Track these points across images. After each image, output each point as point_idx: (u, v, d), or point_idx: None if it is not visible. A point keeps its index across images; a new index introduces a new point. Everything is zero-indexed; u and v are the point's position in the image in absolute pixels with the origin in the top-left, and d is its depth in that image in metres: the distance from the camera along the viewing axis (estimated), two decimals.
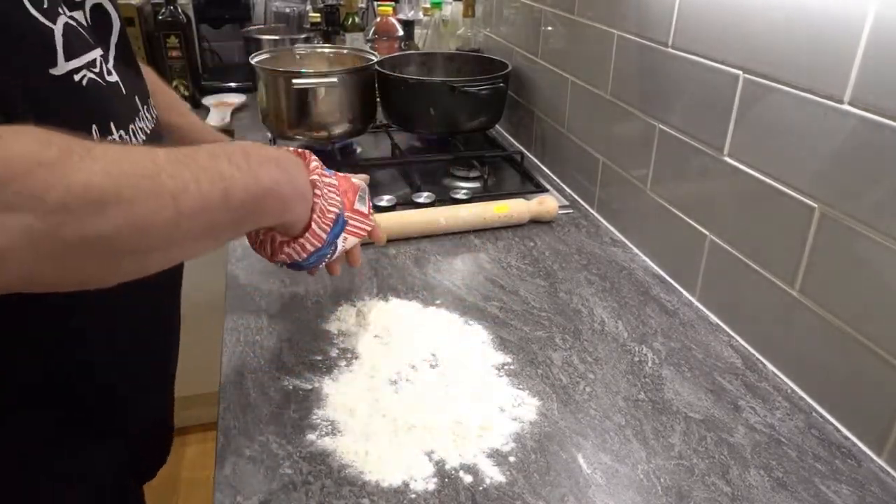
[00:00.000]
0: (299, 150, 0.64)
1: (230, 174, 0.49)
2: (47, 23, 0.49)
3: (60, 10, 0.52)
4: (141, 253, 0.45)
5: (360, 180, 0.72)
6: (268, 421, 0.65)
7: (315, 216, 0.61)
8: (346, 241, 0.68)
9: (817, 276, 0.68)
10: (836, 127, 0.63)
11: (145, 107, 0.64)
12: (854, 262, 0.63)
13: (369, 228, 0.72)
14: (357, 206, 0.69)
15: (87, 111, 0.53)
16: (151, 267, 0.48)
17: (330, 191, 0.63)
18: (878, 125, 0.59)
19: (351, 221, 0.68)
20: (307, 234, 0.61)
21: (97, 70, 0.54)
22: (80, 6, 0.57)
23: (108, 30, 0.60)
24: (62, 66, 0.50)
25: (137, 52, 1.60)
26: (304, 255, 0.63)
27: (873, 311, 0.62)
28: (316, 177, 0.61)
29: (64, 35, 0.50)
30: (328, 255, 0.67)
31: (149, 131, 0.63)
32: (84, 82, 0.52)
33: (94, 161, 0.41)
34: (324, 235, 0.62)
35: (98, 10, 0.58)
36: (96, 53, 0.55)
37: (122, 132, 0.57)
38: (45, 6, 0.49)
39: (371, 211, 0.73)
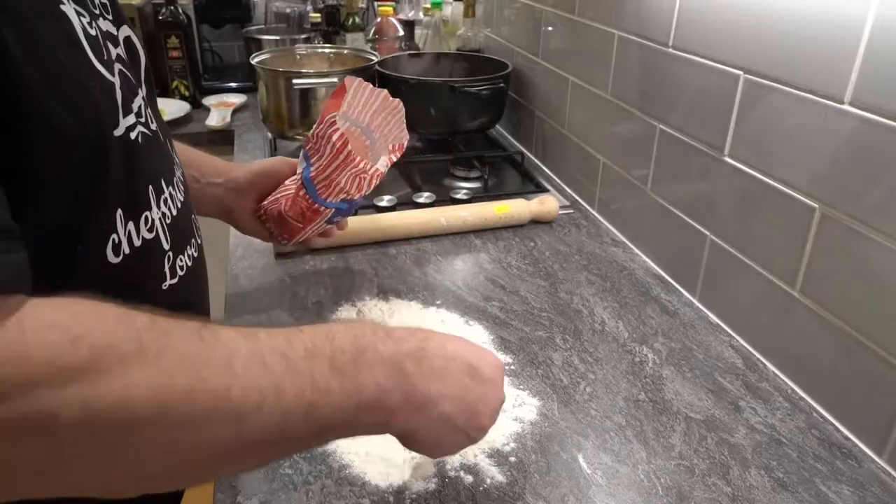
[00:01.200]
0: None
1: (325, 385, 0.39)
2: (109, 76, 0.43)
3: (111, 52, 0.45)
4: (178, 473, 0.38)
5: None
6: None
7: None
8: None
9: (818, 277, 0.68)
10: (836, 127, 0.63)
11: (173, 149, 0.58)
12: (855, 262, 0.63)
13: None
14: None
15: (144, 173, 0.48)
16: (195, 484, 0.40)
17: None
18: (879, 125, 0.59)
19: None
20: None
21: (143, 120, 0.48)
22: (118, 41, 0.49)
23: (139, 65, 0.53)
24: (122, 125, 0.44)
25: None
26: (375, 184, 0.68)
27: (874, 311, 0.62)
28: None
29: (121, 87, 0.45)
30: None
31: (183, 178, 0.58)
32: (139, 139, 0.47)
33: (139, 366, 0.33)
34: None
35: (129, 42, 0.52)
36: (140, 98, 0.49)
37: (170, 188, 0.52)
38: (105, 57, 0.43)
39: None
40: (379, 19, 1.66)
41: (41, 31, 0.38)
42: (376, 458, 0.60)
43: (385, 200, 1.08)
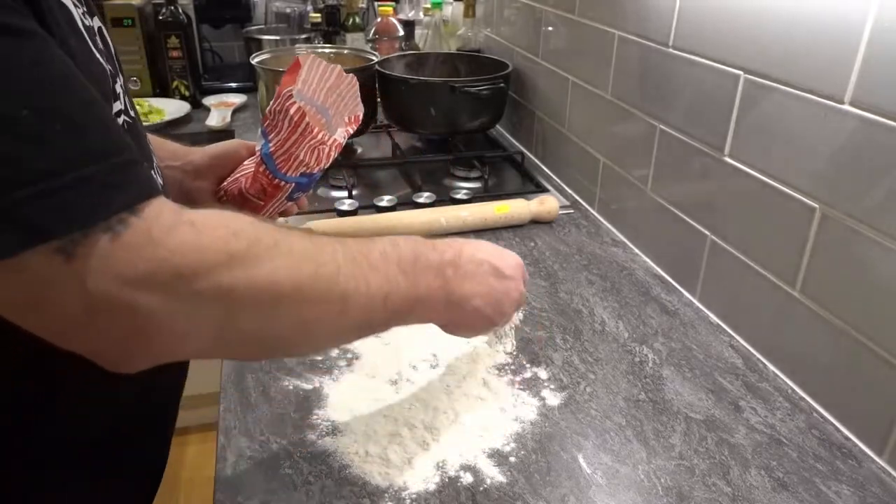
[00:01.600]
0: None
1: (395, 280, 0.50)
2: (104, 63, 0.46)
3: (97, 42, 0.47)
4: (296, 344, 0.48)
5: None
6: (268, 421, 0.65)
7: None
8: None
9: (818, 277, 0.68)
10: (836, 127, 0.63)
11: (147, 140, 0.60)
12: (855, 262, 0.63)
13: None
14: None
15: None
16: (300, 354, 0.52)
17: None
18: (879, 125, 0.59)
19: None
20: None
21: (124, 107, 0.51)
22: (95, 32, 0.50)
23: (112, 55, 0.54)
24: (114, 107, 0.47)
25: (138, 52, 1.60)
26: (333, 156, 0.69)
27: (874, 311, 0.62)
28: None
29: (110, 75, 0.47)
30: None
31: (157, 169, 0.58)
32: (125, 125, 0.49)
33: (279, 255, 0.42)
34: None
35: (101, 33, 0.52)
36: (119, 87, 0.51)
37: (153, 172, 0.54)
38: (99, 46, 0.47)
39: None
40: (379, 19, 1.66)
41: (59, 18, 0.41)
42: (376, 458, 0.60)
43: (385, 200, 1.08)
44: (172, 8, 1.59)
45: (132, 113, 0.54)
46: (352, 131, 0.73)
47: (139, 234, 0.37)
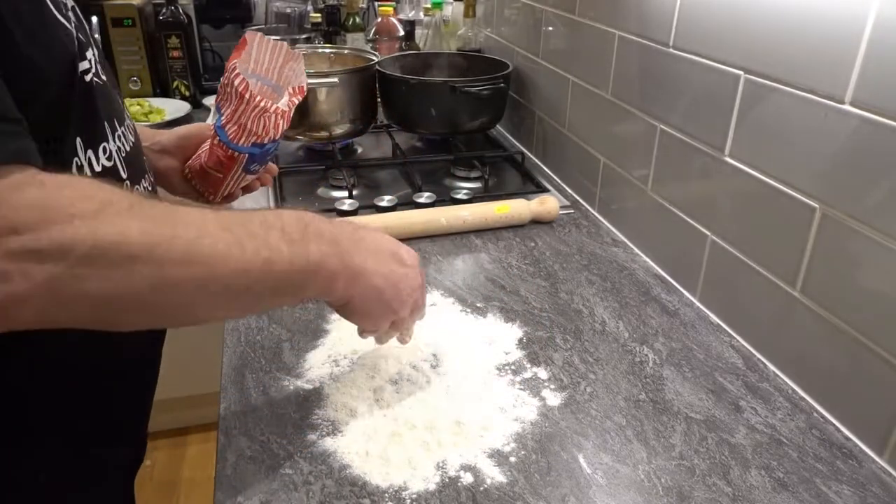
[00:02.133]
0: None
1: (277, 246, 0.48)
2: (67, 24, 0.50)
3: (66, 6, 0.52)
4: (163, 309, 0.46)
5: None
6: (269, 421, 0.65)
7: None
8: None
9: (818, 277, 0.68)
10: (837, 127, 0.63)
11: (123, 102, 0.64)
12: (855, 262, 0.63)
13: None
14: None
15: (99, 111, 0.53)
16: (176, 323, 0.49)
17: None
18: (880, 125, 0.59)
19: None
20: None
21: (95, 70, 0.55)
22: (67, 7, 0.57)
23: (86, 30, 0.60)
24: (80, 67, 0.50)
25: (138, 51, 1.61)
26: (284, 127, 0.72)
27: (875, 311, 0.62)
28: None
29: (77, 36, 0.51)
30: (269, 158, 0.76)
31: (132, 126, 0.63)
32: (93, 82, 0.53)
33: (132, 218, 0.42)
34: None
35: (75, 11, 0.59)
36: (91, 54, 0.55)
37: (122, 129, 0.58)
38: (63, 10, 0.50)
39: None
40: (379, 19, 1.66)
41: None
42: (376, 458, 0.60)
43: (385, 200, 1.08)
44: (173, 8, 1.59)
45: (104, 78, 0.57)
46: (297, 101, 0.75)
47: None
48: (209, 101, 1.64)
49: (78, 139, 0.50)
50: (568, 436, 0.64)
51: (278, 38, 0.77)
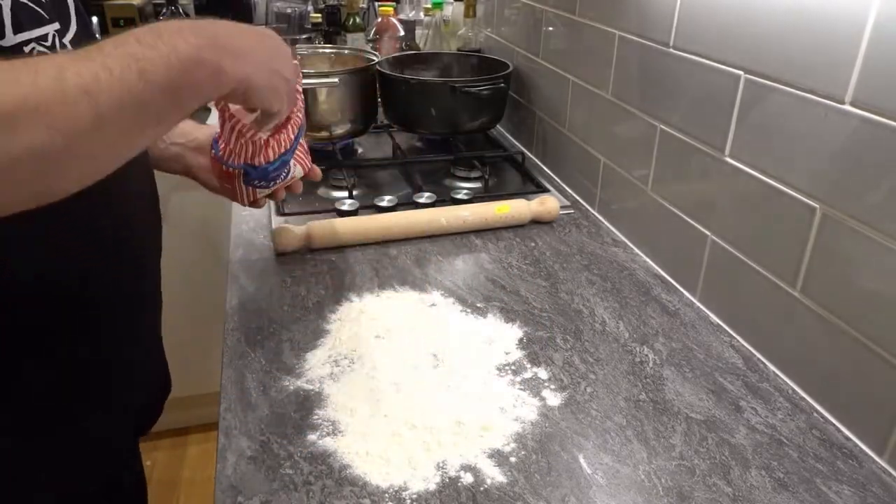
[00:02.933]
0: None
1: (142, 54, 0.46)
2: None
3: None
4: (79, 157, 0.45)
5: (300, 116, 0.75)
6: (269, 421, 0.65)
7: (289, 100, 0.64)
8: (294, 168, 0.76)
9: (819, 277, 0.68)
10: (837, 127, 0.63)
11: None
12: (855, 262, 0.63)
13: (310, 164, 0.80)
14: (300, 139, 0.75)
15: None
16: (102, 168, 0.47)
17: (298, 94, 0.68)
18: (880, 125, 0.59)
19: (298, 150, 0.75)
20: (287, 125, 0.68)
21: (48, 44, 0.55)
22: None
23: (66, 8, 0.60)
24: (10, 39, 0.51)
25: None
26: (280, 152, 0.70)
27: (875, 311, 0.62)
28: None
29: (12, 10, 0.51)
30: (284, 174, 0.74)
31: None
32: (34, 54, 0.53)
33: None
34: (298, 122, 0.71)
35: None
36: (50, 28, 0.56)
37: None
38: None
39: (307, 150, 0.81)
40: (379, 19, 1.66)
41: None
42: (377, 457, 0.60)
43: (386, 200, 1.08)
44: (173, 8, 1.59)
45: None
46: (290, 136, 0.72)
47: None
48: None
49: None
50: (568, 436, 0.64)
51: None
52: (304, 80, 1.21)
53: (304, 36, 1.78)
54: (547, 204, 1.07)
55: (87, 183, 0.46)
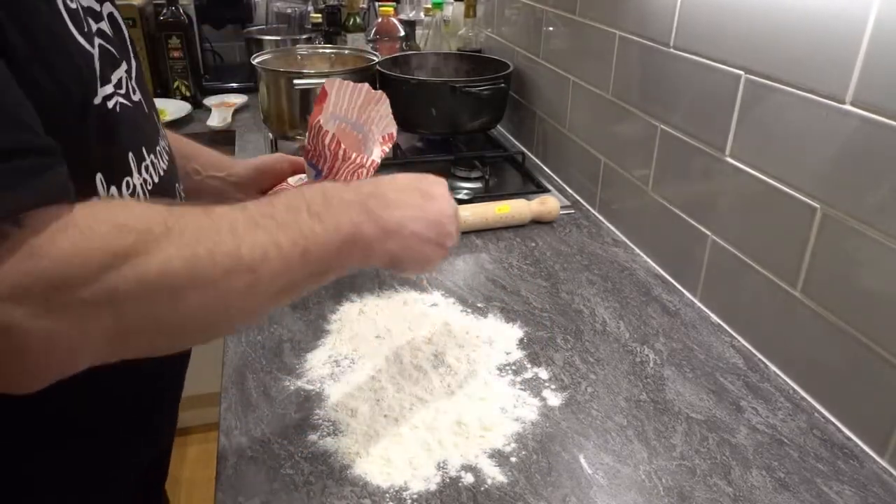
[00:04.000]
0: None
1: (310, 231, 0.47)
2: (88, 47, 0.46)
3: (91, 26, 0.48)
4: (217, 323, 0.46)
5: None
6: (269, 421, 0.65)
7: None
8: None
9: (819, 277, 0.68)
10: (837, 127, 0.63)
11: (159, 120, 0.61)
12: (856, 262, 0.63)
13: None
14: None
15: (123, 141, 0.51)
16: (232, 330, 0.50)
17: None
18: (880, 125, 0.59)
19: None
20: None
21: (123, 91, 0.51)
22: (101, 17, 0.52)
23: (125, 41, 0.56)
24: (100, 94, 0.47)
25: (139, 52, 1.60)
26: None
27: (875, 311, 0.62)
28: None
29: (100, 58, 0.48)
30: None
31: (168, 148, 0.60)
32: (117, 108, 0.49)
33: (170, 242, 0.40)
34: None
35: (112, 19, 0.54)
36: (122, 71, 0.52)
37: (152, 156, 0.55)
38: (85, 29, 0.46)
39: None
40: (380, 19, 1.66)
41: (26, 1, 0.40)
42: (377, 458, 0.60)
43: None
44: (173, 8, 1.59)
45: (135, 97, 0.54)
46: (387, 150, 0.75)
47: (17, 246, 0.35)
48: (210, 101, 1.64)
49: (98, 175, 0.47)
50: (569, 436, 0.64)
51: (355, 80, 0.75)
52: (305, 81, 1.21)
53: (304, 36, 1.77)
54: (547, 204, 1.07)
55: (205, 343, 0.47)
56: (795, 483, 0.60)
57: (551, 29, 1.22)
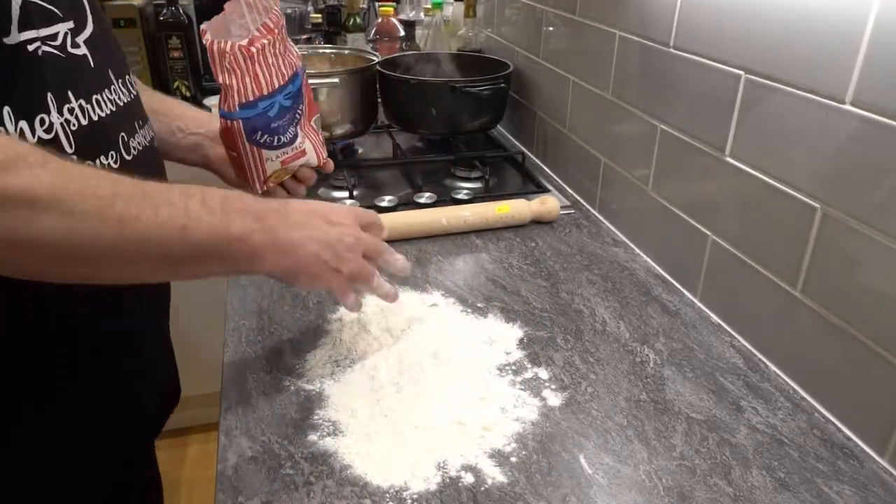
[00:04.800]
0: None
1: (196, 214, 0.50)
2: None
3: None
4: (81, 263, 0.48)
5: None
6: (269, 421, 0.65)
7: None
8: (304, 143, 0.79)
9: (819, 277, 0.68)
10: (837, 127, 0.63)
11: (120, 80, 0.64)
12: (856, 262, 0.63)
13: (325, 156, 0.84)
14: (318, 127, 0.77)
15: (41, 81, 0.53)
16: (102, 278, 0.51)
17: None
18: (880, 125, 0.59)
19: (312, 135, 0.77)
20: None
21: (57, 43, 0.55)
22: None
23: (79, 5, 0.60)
24: (14, 37, 0.51)
25: (139, 52, 1.61)
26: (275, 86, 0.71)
27: (875, 311, 0.62)
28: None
29: (22, 7, 0.51)
30: (289, 138, 0.75)
31: (122, 104, 0.63)
32: (39, 53, 0.53)
33: (44, 171, 0.44)
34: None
35: None
36: (62, 27, 0.56)
37: (82, 101, 0.57)
38: None
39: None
40: (380, 19, 1.66)
41: None
42: (378, 458, 0.60)
43: (386, 201, 1.08)
44: (173, 8, 1.59)
45: (79, 52, 0.57)
46: (263, 33, 0.72)
47: None
48: (210, 101, 1.64)
49: (6, 108, 0.50)
50: (569, 436, 0.64)
51: None
52: None
53: (304, 36, 1.78)
54: (547, 204, 1.07)
55: (85, 282, 0.50)
56: (795, 483, 0.60)
57: (551, 29, 1.22)
